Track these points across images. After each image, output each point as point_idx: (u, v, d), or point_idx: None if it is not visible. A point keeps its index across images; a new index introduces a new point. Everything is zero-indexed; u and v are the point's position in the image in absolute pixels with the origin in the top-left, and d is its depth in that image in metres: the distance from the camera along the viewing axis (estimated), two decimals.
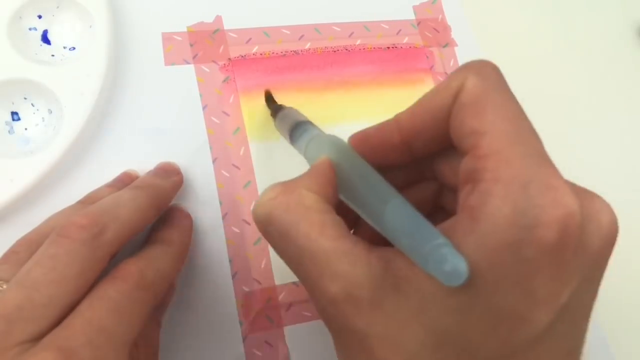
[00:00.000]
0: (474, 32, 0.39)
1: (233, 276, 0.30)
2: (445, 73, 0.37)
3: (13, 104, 0.30)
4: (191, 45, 0.33)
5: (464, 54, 0.38)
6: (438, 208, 0.25)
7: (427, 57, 0.37)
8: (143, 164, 0.31)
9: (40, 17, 0.32)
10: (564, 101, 0.40)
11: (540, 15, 0.41)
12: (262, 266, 0.31)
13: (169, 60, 0.33)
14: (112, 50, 0.31)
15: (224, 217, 0.31)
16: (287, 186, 0.21)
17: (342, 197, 0.23)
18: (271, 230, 0.21)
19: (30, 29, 0.31)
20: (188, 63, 0.33)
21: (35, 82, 0.30)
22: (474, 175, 0.19)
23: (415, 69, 0.37)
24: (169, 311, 0.28)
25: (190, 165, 0.31)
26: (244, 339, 0.29)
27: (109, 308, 0.21)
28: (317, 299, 0.20)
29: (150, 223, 0.26)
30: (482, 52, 0.38)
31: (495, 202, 0.17)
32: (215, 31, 0.34)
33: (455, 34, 0.38)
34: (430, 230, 0.18)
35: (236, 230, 0.31)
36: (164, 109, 0.32)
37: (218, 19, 0.34)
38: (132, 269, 0.22)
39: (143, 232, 0.27)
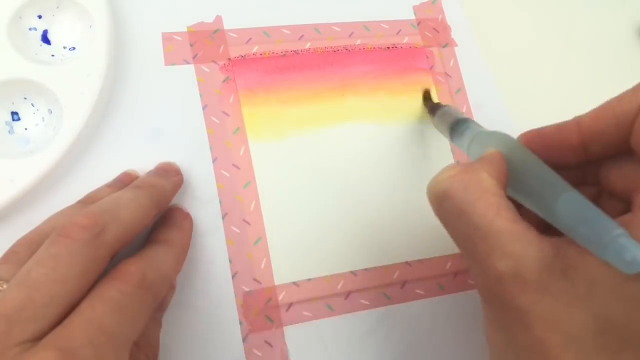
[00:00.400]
0: (474, 32, 0.39)
1: (233, 276, 0.30)
2: (446, 73, 0.37)
3: (13, 104, 0.30)
4: (191, 45, 0.33)
5: (464, 54, 0.38)
6: None
7: (427, 57, 0.37)
8: (143, 163, 0.31)
9: (40, 17, 0.32)
10: (564, 101, 0.39)
11: (541, 15, 0.41)
12: (262, 266, 0.31)
13: (169, 60, 0.33)
14: (112, 50, 0.31)
15: (224, 217, 0.31)
16: (467, 167, 0.22)
17: (508, 192, 0.23)
18: (447, 205, 0.22)
19: (30, 29, 0.31)
20: (188, 63, 0.33)
21: (35, 82, 0.30)
22: None
23: (415, 69, 0.37)
24: (169, 311, 0.28)
25: (190, 165, 0.31)
26: (244, 339, 0.29)
27: (110, 308, 0.21)
28: (482, 275, 0.21)
29: (150, 223, 0.26)
30: (482, 52, 0.38)
31: None
32: (215, 31, 0.34)
33: (455, 34, 0.38)
34: (607, 221, 0.19)
35: (236, 230, 0.31)
36: (164, 109, 0.32)
37: (218, 19, 0.34)
38: (133, 269, 0.22)
39: (143, 232, 0.27)
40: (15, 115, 0.30)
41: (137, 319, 0.22)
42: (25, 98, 0.30)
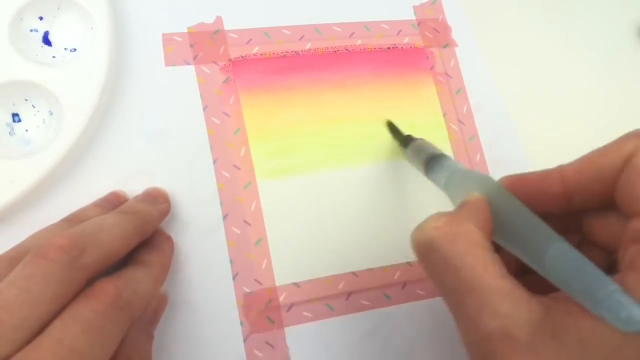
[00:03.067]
0: (474, 32, 0.39)
1: (234, 277, 0.30)
2: (446, 73, 0.37)
3: (14, 105, 0.30)
4: (191, 46, 0.34)
5: (464, 55, 0.38)
6: None
7: (428, 57, 0.37)
8: (143, 164, 0.31)
9: (41, 18, 0.32)
10: (564, 101, 0.40)
11: (540, 15, 0.41)
12: (263, 267, 0.31)
13: (170, 61, 0.33)
14: (114, 51, 0.31)
15: (224, 217, 0.31)
16: (453, 218, 0.22)
17: (494, 238, 0.23)
18: (433, 257, 0.21)
19: (31, 30, 0.31)
20: (188, 64, 0.33)
21: (36, 83, 0.30)
22: None
23: (415, 69, 0.37)
24: (170, 311, 0.29)
25: (191, 166, 0.31)
26: (244, 340, 0.29)
27: (82, 328, 0.20)
28: (469, 331, 0.20)
29: (131, 249, 0.25)
30: (482, 52, 0.38)
31: None
32: (216, 32, 0.34)
33: (455, 35, 0.38)
34: (601, 276, 0.19)
35: (237, 231, 0.31)
36: (164, 110, 0.32)
37: (218, 19, 0.34)
38: (109, 287, 0.22)
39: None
40: (16, 117, 0.30)
41: (110, 338, 0.21)
42: (26, 99, 0.30)
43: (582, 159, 0.23)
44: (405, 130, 0.33)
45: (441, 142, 0.36)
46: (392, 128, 0.34)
